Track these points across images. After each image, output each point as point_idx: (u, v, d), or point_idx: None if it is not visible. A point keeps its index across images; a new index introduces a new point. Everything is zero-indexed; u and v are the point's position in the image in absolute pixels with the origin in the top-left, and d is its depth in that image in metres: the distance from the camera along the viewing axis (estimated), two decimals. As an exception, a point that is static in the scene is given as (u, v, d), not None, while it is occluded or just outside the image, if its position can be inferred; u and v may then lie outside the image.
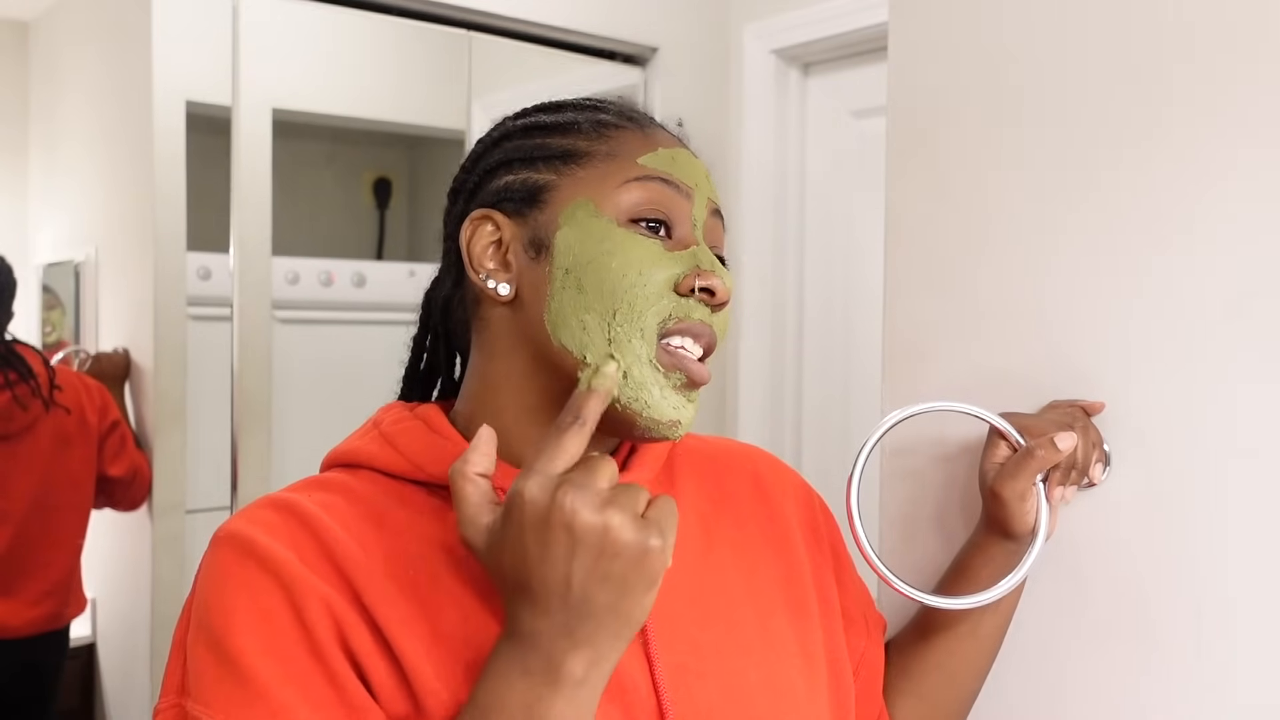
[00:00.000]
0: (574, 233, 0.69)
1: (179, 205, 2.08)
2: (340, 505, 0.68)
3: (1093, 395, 0.86)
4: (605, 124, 0.73)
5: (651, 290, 0.68)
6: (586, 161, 0.71)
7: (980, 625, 0.86)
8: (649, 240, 0.69)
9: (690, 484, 0.80)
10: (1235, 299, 0.79)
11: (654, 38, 2.47)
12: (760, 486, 0.84)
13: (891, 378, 1.01)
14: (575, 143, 0.72)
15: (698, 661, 0.71)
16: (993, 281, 0.93)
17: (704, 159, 0.77)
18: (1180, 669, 0.82)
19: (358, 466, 0.73)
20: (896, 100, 1.00)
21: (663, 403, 0.67)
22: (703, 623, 0.73)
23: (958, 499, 0.95)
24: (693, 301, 0.69)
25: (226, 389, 2.08)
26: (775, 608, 0.77)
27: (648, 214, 0.70)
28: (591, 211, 0.69)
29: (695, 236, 0.71)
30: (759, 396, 2.49)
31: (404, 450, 0.72)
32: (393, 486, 0.71)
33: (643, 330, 0.67)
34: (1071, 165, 0.88)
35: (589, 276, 0.68)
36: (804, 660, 0.76)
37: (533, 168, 0.72)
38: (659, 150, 0.72)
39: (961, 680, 0.88)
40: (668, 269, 0.69)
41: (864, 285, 2.34)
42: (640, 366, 0.67)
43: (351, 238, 2.56)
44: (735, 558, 0.78)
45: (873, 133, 2.29)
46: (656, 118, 0.78)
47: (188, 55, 2.09)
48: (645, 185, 0.70)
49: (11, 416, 2.06)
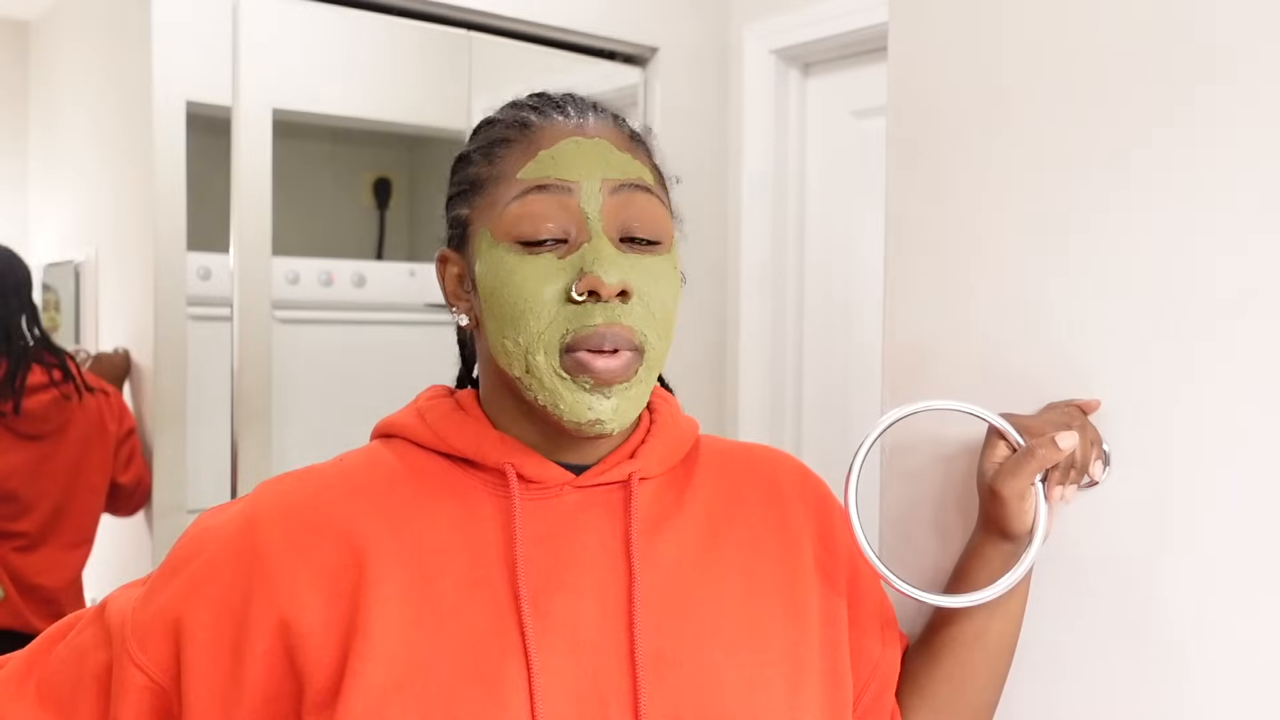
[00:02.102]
0: (482, 265, 0.74)
1: (179, 205, 2.08)
2: (363, 466, 0.76)
3: (1093, 395, 0.86)
4: (495, 142, 0.76)
5: (542, 308, 0.70)
6: (483, 189, 0.75)
7: (987, 633, 0.85)
8: (536, 259, 0.71)
9: (707, 480, 0.82)
10: (1235, 299, 0.79)
11: (654, 38, 2.47)
12: (777, 493, 0.84)
13: (891, 378, 1.01)
14: (477, 171, 0.76)
15: (675, 650, 0.73)
16: (993, 281, 0.93)
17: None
18: (1180, 669, 0.82)
19: (393, 436, 0.80)
20: (896, 100, 1.00)
21: (576, 404, 0.71)
22: (689, 614, 0.75)
23: (957, 499, 0.95)
24: (588, 306, 0.70)
25: (226, 389, 2.08)
26: (770, 611, 0.78)
27: (530, 233, 0.71)
28: (490, 241, 0.73)
29: (589, 231, 0.71)
30: (759, 396, 2.49)
31: (432, 424, 0.78)
32: (419, 455, 0.77)
33: (545, 347, 0.71)
34: (1071, 165, 0.88)
35: (495, 304, 0.72)
36: (791, 665, 0.76)
37: (460, 202, 0.78)
38: (539, 155, 0.73)
39: (972, 691, 0.87)
40: (555, 283, 0.71)
41: (864, 285, 2.34)
42: (549, 377, 0.71)
43: (351, 238, 2.56)
44: (737, 557, 0.79)
45: (873, 133, 2.29)
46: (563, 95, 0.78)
47: (188, 55, 2.08)
48: (523, 202, 0.72)
49: (50, 416, 2.07)
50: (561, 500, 0.75)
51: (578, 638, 0.71)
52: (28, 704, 0.75)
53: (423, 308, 2.36)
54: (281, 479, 0.76)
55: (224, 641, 0.70)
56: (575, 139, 0.74)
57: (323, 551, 0.71)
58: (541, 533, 0.74)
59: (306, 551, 0.71)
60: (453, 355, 0.89)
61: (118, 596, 0.77)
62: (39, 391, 2.06)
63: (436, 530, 0.73)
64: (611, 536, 0.75)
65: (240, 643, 0.70)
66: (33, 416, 2.05)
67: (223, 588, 0.71)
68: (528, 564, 0.72)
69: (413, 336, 2.35)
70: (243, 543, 0.72)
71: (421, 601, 0.70)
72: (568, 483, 0.75)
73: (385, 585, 0.70)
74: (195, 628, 0.70)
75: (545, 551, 0.73)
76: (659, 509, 0.78)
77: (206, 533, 0.74)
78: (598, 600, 0.72)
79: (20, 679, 0.76)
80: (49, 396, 2.06)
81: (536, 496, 0.75)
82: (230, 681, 0.70)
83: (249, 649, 0.69)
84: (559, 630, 0.71)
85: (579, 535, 0.74)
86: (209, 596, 0.71)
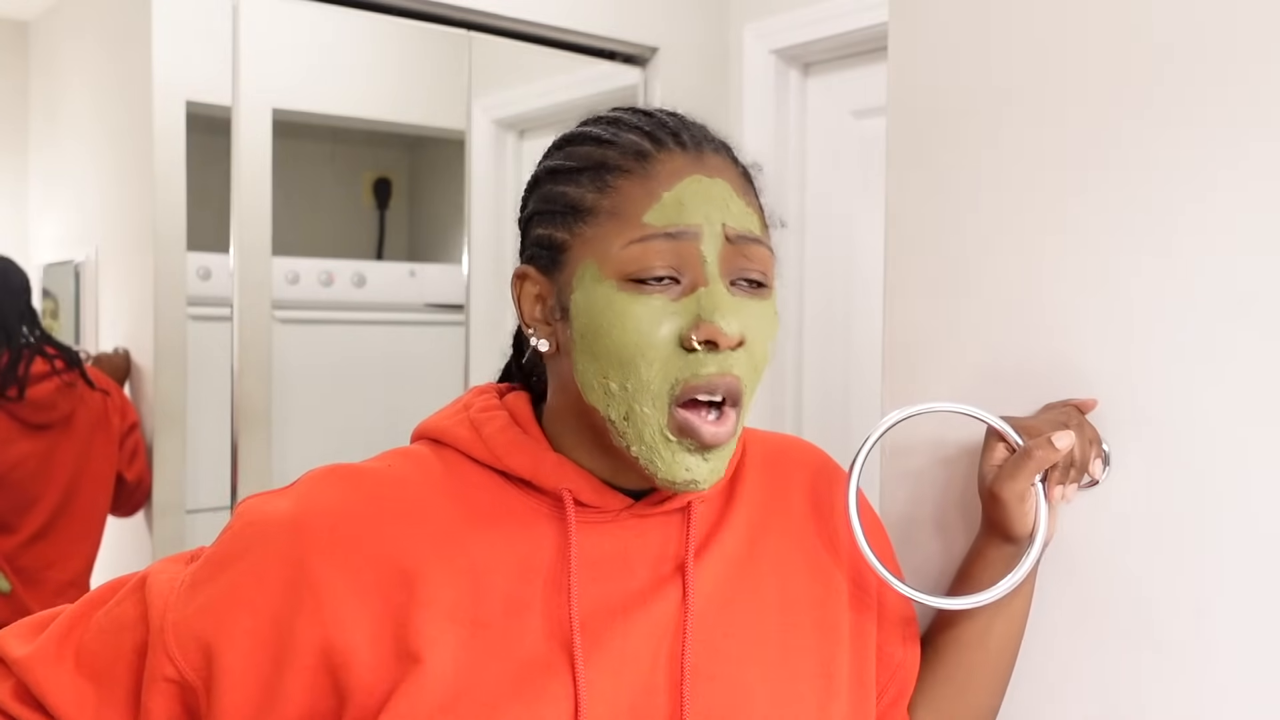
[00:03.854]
0: (583, 298, 0.70)
1: (179, 205, 2.07)
2: (415, 479, 0.74)
3: (1093, 395, 0.86)
4: (607, 169, 0.71)
5: (654, 355, 0.68)
6: (592, 220, 0.71)
7: (989, 634, 0.85)
8: (650, 299, 0.68)
9: (750, 490, 0.81)
10: (1235, 299, 0.79)
11: (654, 38, 2.47)
12: (815, 498, 0.84)
13: (891, 378, 1.01)
14: (583, 196, 0.72)
15: (710, 664, 0.73)
16: (992, 281, 0.93)
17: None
18: (1180, 670, 0.82)
19: (444, 445, 0.76)
20: (896, 100, 1.00)
21: (674, 465, 0.69)
22: (727, 629, 0.74)
23: (958, 500, 0.94)
24: (701, 354, 0.68)
25: (226, 389, 2.08)
26: (803, 625, 0.78)
27: (646, 274, 0.68)
28: (595, 275, 0.70)
29: (705, 275, 0.69)
30: (759, 396, 2.48)
31: (488, 439, 0.75)
32: (472, 470, 0.75)
33: (654, 399, 0.68)
34: (1071, 165, 0.88)
35: (599, 344, 0.69)
36: (822, 680, 0.77)
37: (552, 223, 0.73)
38: (662, 199, 0.69)
39: (974, 693, 0.87)
40: (668, 325, 0.68)
41: (864, 285, 2.34)
42: (652, 433, 0.69)
43: (351, 238, 2.55)
44: (774, 568, 0.79)
45: (873, 133, 2.29)
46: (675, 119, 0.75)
47: (188, 55, 2.08)
48: (645, 246, 0.69)
49: (55, 404, 2.08)
50: (618, 524, 0.74)
51: (624, 657, 0.71)
52: (66, 670, 0.73)
53: (423, 308, 2.36)
54: (332, 478, 0.73)
55: (264, 652, 0.68)
56: (697, 178, 0.70)
57: (372, 571, 0.69)
58: (595, 558, 0.73)
59: (356, 571, 0.69)
60: (451, 356, 0.88)
61: (160, 571, 0.74)
62: (43, 380, 2.07)
63: (489, 551, 0.71)
64: (663, 560, 0.74)
65: (281, 656, 0.68)
66: (38, 404, 2.06)
67: (268, 596, 0.69)
68: (581, 589, 0.71)
69: (413, 336, 2.35)
70: (291, 551, 0.69)
71: (471, 623, 0.69)
72: (625, 509, 0.74)
73: (434, 607, 0.68)
74: (235, 634, 0.69)
75: (597, 577, 0.72)
76: (707, 524, 0.78)
77: (254, 529, 0.72)
78: (646, 620, 0.72)
79: (60, 643, 0.74)
80: (53, 385, 2.07)
81: (592, 520, 0.74)
82: (266, 694, 0.68)
83: (290, 664, 0.68)
84: (608, 655, 0.70)
85: (633, 560, 0.74)
86: (253, 603, 0.69)
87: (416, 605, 0.68)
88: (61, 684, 0.73)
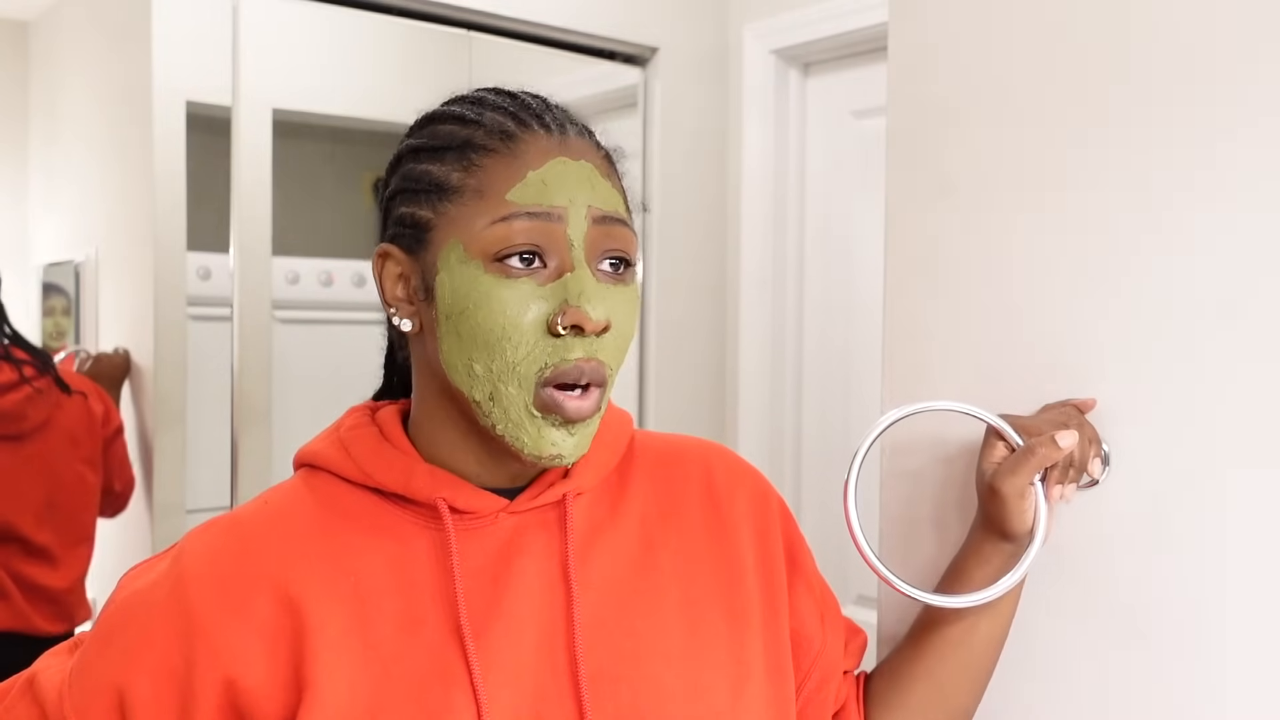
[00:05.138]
0: (448, 278, 0.70)
1: (179, 205, 2.07)
2: (290, 510, 0.74)
3: (1092, 395, 0.86)
4: (472, 148, 0.72)
5: (520, 339, 0.68)
6: (456, 198, 0.71)
7: (975, 633, 0.85)
8: (516, 282, 0.68)
9: (640, 488, 0.80)
10: (1234, 300, 0.79)
11: (654, 38, 2.47)
12: (712, 490, 0.83)
13: (891, 378, 1.01)
14: (448, 175, 0.72)
15: (615, 665, 0.72)
16: (992, 281, 0.93)
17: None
18: (1179, 670, 0.82)
19: (319, 469, 0.76)
20: (896, 100, 1.00)
21: (540, 440, 0.70)
22: (628, 628, 0.74)
23: (957, 499, 0.95)
24: (569, 339, 0.69)
25: (226, 389, 2.08)
26: (709, 615, 0.77)
27: (511, 252, 0.69)
28: (461, 256, 0.70)
29: (571, 259, 0.69)
30: (759, 397, 2.49)
31: (355, 456, 0.75)
32: (346, 492, 0.75)
33: (520, 380, 0.69)
34: (1071, 165, 0.88)
35: (464, 325, 0.69)
36: (733, 668, 0.76)
37: (416, 201, 0.73)
38: (527, 177, 0.70)
39: (951, 692, 0.86)
40: (536, 310, 0.69)
41: (864, 285, 2.34)
42: (518, 411, 0.69)
43: (351, 238, 2.55)
44: (674, 564, 0.78)
45: (873, 133, 2.29)
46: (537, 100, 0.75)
47: (188, 55, 2.08)
48: (509, 225, 0.69)
49: (25, 414, 2.02)
50: (497, 527, 0.74)
51: (520, 664, 0.70)
52: None
53: (423, 308, 2.36)
54: (207, 529, 0.73)
55: (168, 708, 0.68)
56: (562, 159, 0.71)
57: (258, 605, 0.69)
58: (479, 564, 0.72)
59: (241, 607, 0.69)
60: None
61: (45, 667, 0.74)
62: (11, 390, 2.00)
63: (371, 571, 0.71)
64: (547, 559, 0.74)
65: (187, 707, 0.68)
66: (7, 416, 2.00)
67: (161, 654, 0.69)
68: (468, 597, 0.71)
69: (413, 336, 2.34)
70: (175, 606, 0.69)
71: (363, 646, 0.69)
72: (502, 510, 0.74)
73: (325, 633, 0.68)
74: (137, 696, 0.68)
75: (483, 583, 0.72)
76: (593, 523, 0.77)
77: (135, 597, 0.71)
78: (538, 625, 0.72)
79: None
80: (22, 394, 2.01)
81: (471, 527, 0.73)
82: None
83: (196, 712, 0.68)
84: (502, 660, 0.70)
85: (516, 561, 0.73)
86: (148, 664, 0.69)
87: (307, 633, 0.68)
88: None
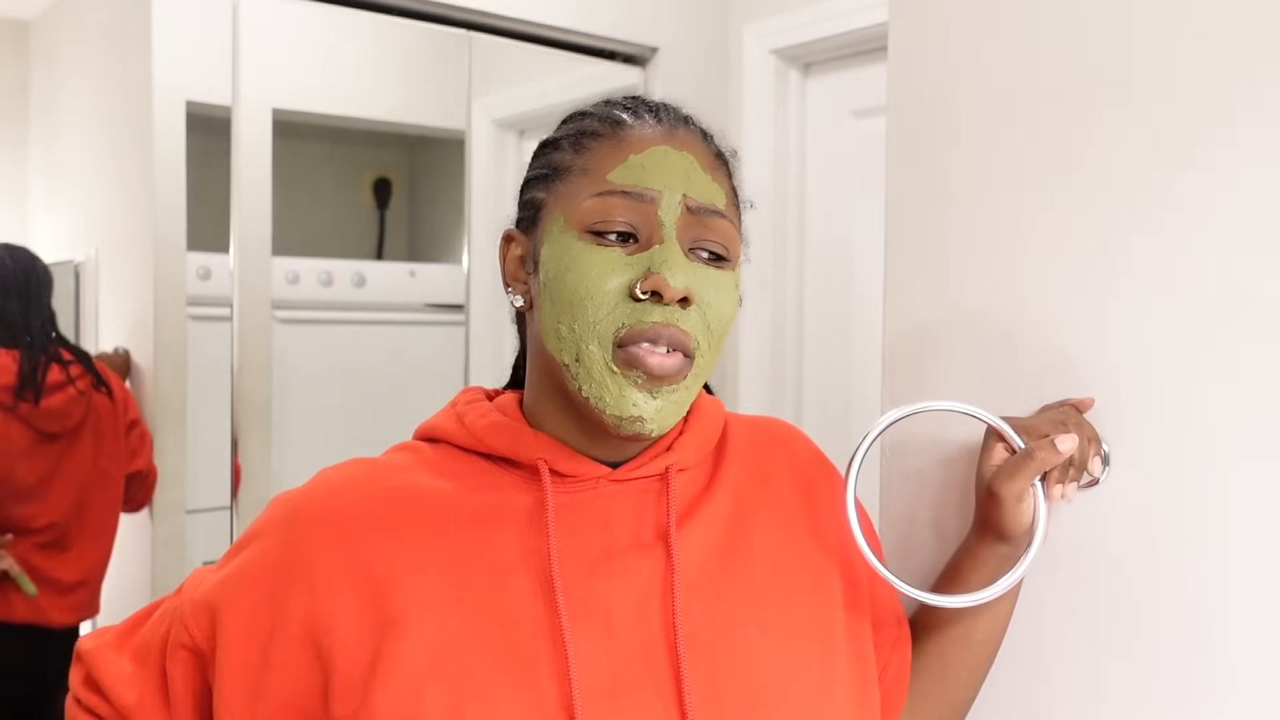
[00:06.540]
0: (549, 248, 0.75)
1: (179, 205, 2.08)
2: (407, 465, 0.79)
3: (1092, 395, 0.86)
4: (585, 134, 0.77)
5: (602, 299, 0.71)
6: (566, 177, 0.76)
7: (973, 631, 0.86)
8: (605, 250, 0.72)
9: (736, 463, 0.83)
10: (1234, 299, 0.79)
11: (654, 38, 2.47)
12: (799, 471, 0.86)
13: (891, 378, 1.01)
14: (562, 158, 0.77)
15: (709, 631, 0.74)
16: (993, 281, 0.93)
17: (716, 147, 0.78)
18: (1178, 671, 0.82)
19: (437, 440, 0.81)
20: (896, 100, 1.00)
21: (621, 400, 0.71)
22: (722, 596, 0.76)
23: (957, 500, 0.95)
24: (648, 304, 0.71)
25: (226, 389, 2.08)
26: (798, 590, 0.79)
27: (602, 227, 0.73)
28: (561, 227, 0.74)
29: (662, 235, 0.72)
30: (759, 397, 2.49)
31: (470, 426, 0.79)
32: (459, 458, 0.79)
33: (599, 338, 0.71)
34: (1071, 165, 0.88)
35: (556, 289, 0.73)
36: (821, 642, 0.78)
37: (536, 186, 0.79)
38: (629, 159, 0.74)
39: (951, 686, 0.88)
40: (619, 276, 0.72)
41: (864, 285, 2.34)
42: (600, 369, 0.72)
43: (351, 238, 2.55)
44: (765, 538, 0.80)
45: (873, 133, 2.29)
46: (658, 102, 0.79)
47: (188, 55, 2.09)
48: (604, 200, 0.73)
49: (69, 413, 2.09)
50: (597, 493, 0.76)
51: (610, 623, 0.72)
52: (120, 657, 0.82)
53: (423, 308, 2.36)
54: (336, 468, 0.80)
55: (261, 624, 0.74)
56: (665, 148, 0.75)
57: (358, 545, 0.73)
58: (575, 524, 0.75)
59: (343, 545, 0.73)
60: (451, 356, 0.91)
61: (199, 568, 0.83)
62: (59, 390, 2.09)
63: (472, 522, 0.75)
64: (643, 528, 0.76)
65: (275, 628, 0.73)
66: (52, 414, 2.08)
67: (268, 573, 0.75)
68: (562, 553, 0.73)
69: (413, 336, 2.35)
70: (290, 534, 0.75)
71: (457, 589, 0.72)
72: (603, 476, 0.77)
73: (420, 576, 0.72)
74: (239, 605, 0.75)
75: (579, 542, 0.74)
76: (690, 496, 0.79)
77: (268, 514, 0.78)
78: (631, 587, 0.74)
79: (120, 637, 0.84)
80: (68, 394, 2.09)
81: (572, 489, 0.76)
82: (261, 663, 0.73)
83: (281, 636, 0.72)
84: (593, 616, 0.72)
85: (613, 527, 0.76)
86: (256, 579, 0.75)
87: (402, 575, 0.72)
88: (113, 668, 0.81)
